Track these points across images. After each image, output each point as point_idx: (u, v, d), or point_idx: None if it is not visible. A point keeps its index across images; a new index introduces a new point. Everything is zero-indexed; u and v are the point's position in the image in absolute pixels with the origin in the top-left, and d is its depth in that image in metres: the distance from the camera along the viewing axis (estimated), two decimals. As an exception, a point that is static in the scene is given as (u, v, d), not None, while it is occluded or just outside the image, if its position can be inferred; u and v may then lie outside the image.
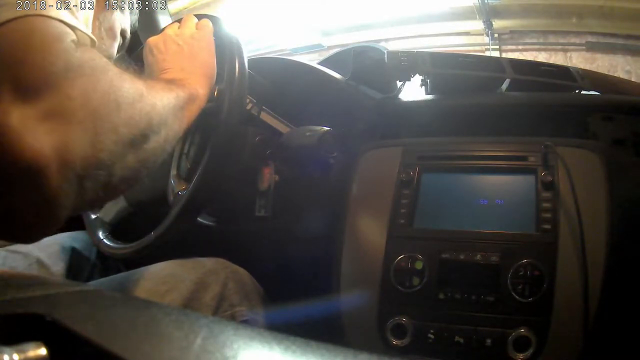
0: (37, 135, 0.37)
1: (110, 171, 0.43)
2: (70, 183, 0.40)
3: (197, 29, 0.69)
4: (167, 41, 0.66)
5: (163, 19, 1.17)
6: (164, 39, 0.66)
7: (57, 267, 0.81)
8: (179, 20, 0.71)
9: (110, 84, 0.43)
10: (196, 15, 0.72)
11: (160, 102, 0.50)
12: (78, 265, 0.86)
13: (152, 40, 0.67)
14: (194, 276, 0.66)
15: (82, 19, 0.47)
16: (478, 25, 4.43)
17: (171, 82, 0.57)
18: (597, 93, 0.98)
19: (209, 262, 0.70)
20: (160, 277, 0.67)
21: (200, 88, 0.60)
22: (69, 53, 0.41)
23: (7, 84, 0.38)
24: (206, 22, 0.70)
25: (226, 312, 0.65)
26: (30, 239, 0.42)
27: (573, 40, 4.22)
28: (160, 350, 0.20)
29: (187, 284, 0.65)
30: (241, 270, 0.71)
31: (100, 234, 0.81)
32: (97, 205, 0.80)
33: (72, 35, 0.43)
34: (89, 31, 0.45)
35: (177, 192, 0.74)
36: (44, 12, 0.41)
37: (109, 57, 0.62)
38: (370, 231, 0.78)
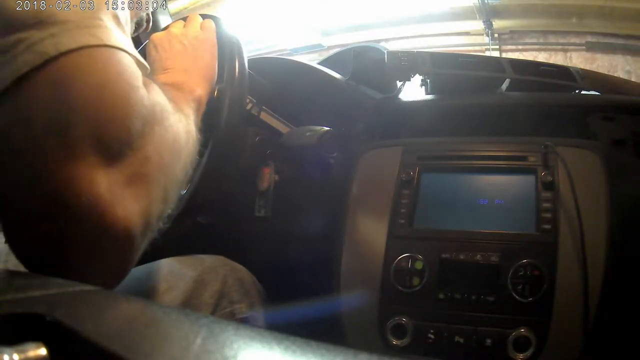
0: (125, 203, 0.36)
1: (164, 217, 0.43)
2: (147, 240, 0.39)
3: (201, 29, 0.69)
4: (172, 40, 0.65)
5: (163, 19, 1.17)
6: (169, 37, 0.66)
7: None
8: (184, 19, 0.71)
9: (174, 133, 0.42)
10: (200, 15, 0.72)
11: (194, 132, 0.49)
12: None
13: (157, 36, 0.67)
14: (193, 273, 0.66)
15: (125, 21, 0.42)
16: (478, 25, 4.43)
17: (182, 90, 0.56)
18: (597, 93, 0.98)
19: (208, 260, 0.70)
20: (160, 276, 0.67)
21: (201, 90, 0.60)
22: (143, 103, 0.38)
23: (87, 141, 0.35)
24: (210, 22, 0.70)
25: (225, 309, 0.65)
26: None
27: (573, 40, 4.22)
28: (160, 350, 0.20)
29: (187, 281, 0.65)
30: (240, 267, 0.71)
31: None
32: None
33: (139, 73, 0.40)
34: (135, 51, 0.41)
35: (177, 192, 0.74)
36: (107, 41, 0.37)
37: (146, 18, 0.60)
38: (370, 231, 0.78)
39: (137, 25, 0.56)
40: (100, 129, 0.35)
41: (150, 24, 0.61)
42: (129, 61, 0.39)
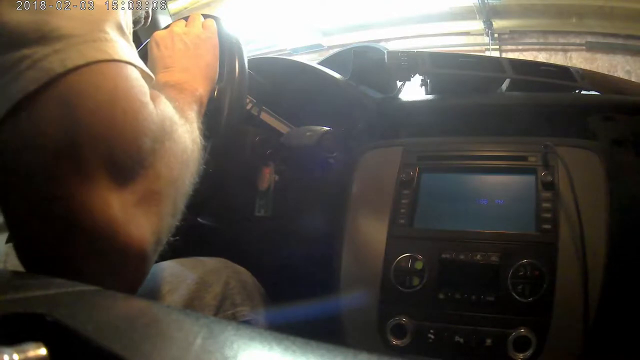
0: (139, 222, 0.36)
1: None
2: (157, 254, 0.39)
3: (202, 28, 0.69)
4: (174, 38, 0.65)
5: (163, 19, 1.17)
6: (172, 36, 0.66)
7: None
8: (185, 18, 0.71)
9: (182, 144, 0.42)
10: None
11: (199, 139, 0.49)
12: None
13: (159, 34, 0.66)
14: (195, 275, 0.66)
15: (126, 25, 0.41)
16: (478, 25, 4.43)
17: (184, 91, 0.56)
18: (597, 93, 0.98)
19: (210, 262, 0.70)
20: (162, 277, 0.67)
21: (202, 89, 0.60)
22: (152, 119, 0.37)
23: (99, 162, 0.34)
24: (211, 22, 0.70)
25: (228, 311, 0.65)
26: None
27: (573, 40, 4.22)
28: (160, 350, 0.20)
29: (189, 283, 0.65)
30: (242, 270, 0.71)
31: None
32: None
33: (146, 87, 0.39)
34: (141, 62, 0.40)
35: (177, 192, 0.74)
36: (114, 55, 0.36)
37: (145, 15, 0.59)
38: (370, 231, 0.78)
39: (135, 22, 0.56)
40: (111, 150, 0.35)
41: (149, 20, 0.61)
42: (136, 75, 0.38)
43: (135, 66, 0.38)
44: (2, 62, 0.33)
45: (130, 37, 0.41)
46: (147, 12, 0.60)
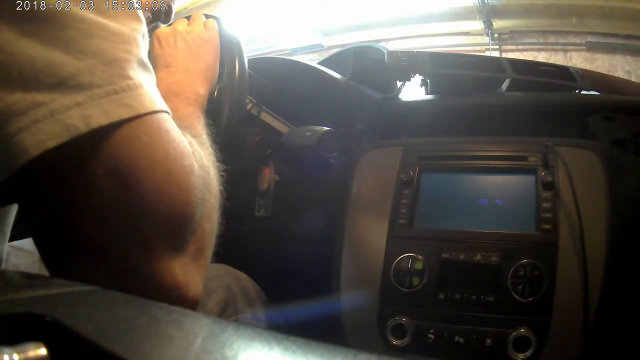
0: (195, 279, 0.37)
1: None
2: None
3: (204, 28, 0.69)
4: (177, 37, 0.65)
5: (163, 19, 1.17)
6: (174, 34, 0.66)
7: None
8: (187, 17, 0.71)
9: (215, 192, 0.43)
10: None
11: (215, 161, 0.49)
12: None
13: (162, 31, 0.66)
14: None
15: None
16: (478, 25, 4.43)
17: (190, 102, 0.56)
18: (597, 93, 0.98)
19: (212, 268, 0.70)
20: None
21: (203, 91, 0.60)
22: (199, 182, 0.37)
23: (161, 237, 0.34)
24: (213, 22, 0.70)
25: (230, 317, 0.65)
26: None
27: (573, 40, 4.22)
28: (160, 350, 0.20)
29: None
30: (244, 276, 0.71)
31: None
32: None
33: (185, 141, 0.37)
34: (165, 105, 0.37)
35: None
36: (141, 108, 0.33)
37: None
38: (370, 231, 0.78)
39: (153, 19, 0.56)
40: (170, 225, 0.35)
41: (172, 15, 0.62)
42: (171, 127, 0.36)
43: (163, 111, 0.36)
44: (11, 102, 0.30)
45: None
46: (168, 7, 0.61)
